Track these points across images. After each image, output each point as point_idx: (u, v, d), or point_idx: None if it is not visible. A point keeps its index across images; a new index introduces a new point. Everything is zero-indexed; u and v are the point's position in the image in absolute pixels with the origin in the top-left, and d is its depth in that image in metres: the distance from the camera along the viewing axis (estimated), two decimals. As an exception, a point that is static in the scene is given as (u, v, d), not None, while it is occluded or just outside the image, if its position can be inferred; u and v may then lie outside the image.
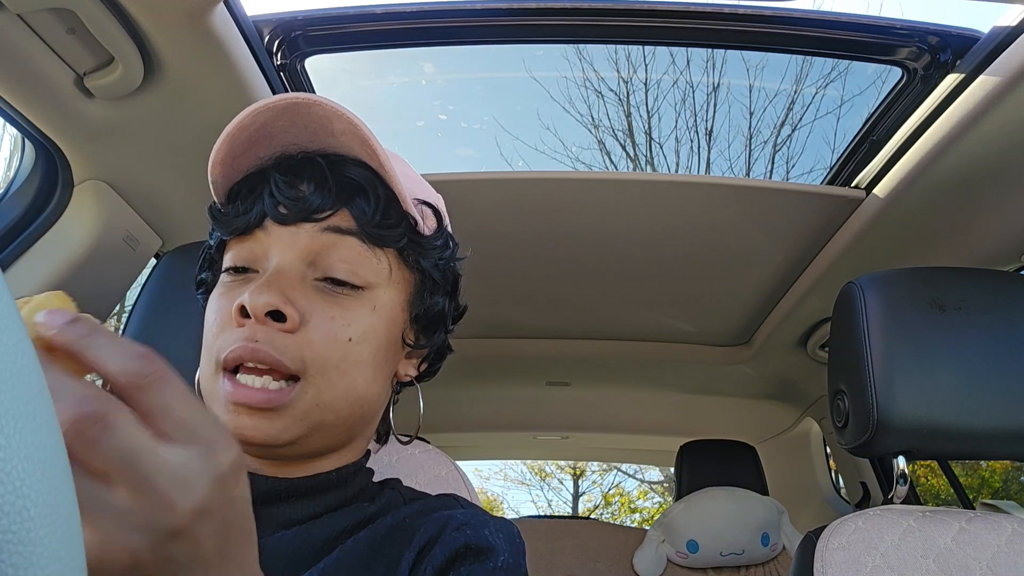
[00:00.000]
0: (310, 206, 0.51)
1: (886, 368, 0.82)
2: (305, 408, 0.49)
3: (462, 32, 1.00)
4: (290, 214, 0.51)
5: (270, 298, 0.47)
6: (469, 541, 0.50)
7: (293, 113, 0.50)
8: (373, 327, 0.52)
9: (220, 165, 0.52)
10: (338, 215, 0.52)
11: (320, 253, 0.51)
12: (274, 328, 0.48)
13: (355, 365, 0.51)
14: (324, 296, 0.51)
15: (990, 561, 0.78)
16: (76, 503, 0.21)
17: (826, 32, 0.97)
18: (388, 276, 0.54)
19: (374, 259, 0.52)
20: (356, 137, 0.51)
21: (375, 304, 0.52)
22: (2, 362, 0.18)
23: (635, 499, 8.67)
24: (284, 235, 0.51)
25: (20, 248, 0.98)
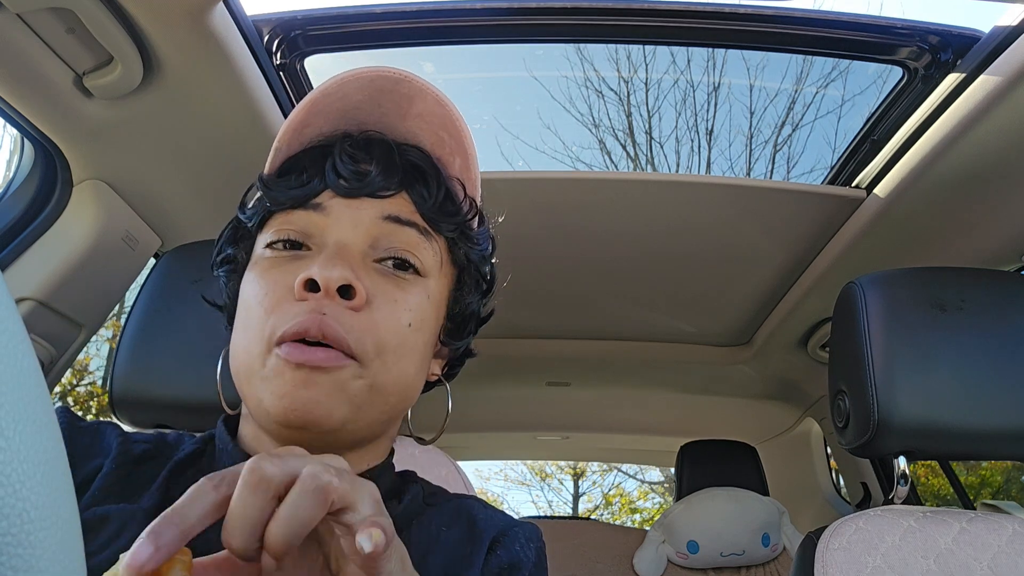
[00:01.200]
0: (373, 183, 0.50)
1: (887, 368, 0.82)
2: (359, 388, 0.47)
3: (462, 32, 1.00)
4: (352, 188, 0.50)
5: (343, 271, 0.45)
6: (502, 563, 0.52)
7: (377, 88, 0.50)
8: (427, 316, 0.52)
9: (292, 131, 0.51)
10: (399, 197, 0.51)
11: (379, 237, 0.50)
12: (341, 304, 0.46)
13: (411, 352, 0.50)
14: (384, 277, 0.50)
15: (991, 561, 0.78)
16: (75, 506, 0.21)
17: (827, 32, 0.97)
18: (439, 267, 0.53)
19: (430, 249, 0.52)
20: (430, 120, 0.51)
21: (429, 293, 0.52)
22: (2, 365, 0.18)
23: (635, 499, 8.67)
24: (345, 213, 0.50)
25: (19, 248, 0.97)
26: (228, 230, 0.57)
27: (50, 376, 1.07)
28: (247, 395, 0.48)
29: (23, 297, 0.96)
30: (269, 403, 0.45)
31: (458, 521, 0.54)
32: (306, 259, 0.49)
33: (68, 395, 5.88)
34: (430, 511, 0.55)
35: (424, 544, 0.52)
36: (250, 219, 0.53)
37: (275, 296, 0.47)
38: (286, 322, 0.45)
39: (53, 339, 1.03)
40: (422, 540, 0.52)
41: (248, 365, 0.47)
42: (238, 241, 0.56)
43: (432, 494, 0.58)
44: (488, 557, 0.52)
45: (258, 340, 0.47)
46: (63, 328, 1.03)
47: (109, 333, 4.92)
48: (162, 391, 0.81)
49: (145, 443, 0.54)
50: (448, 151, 0.53)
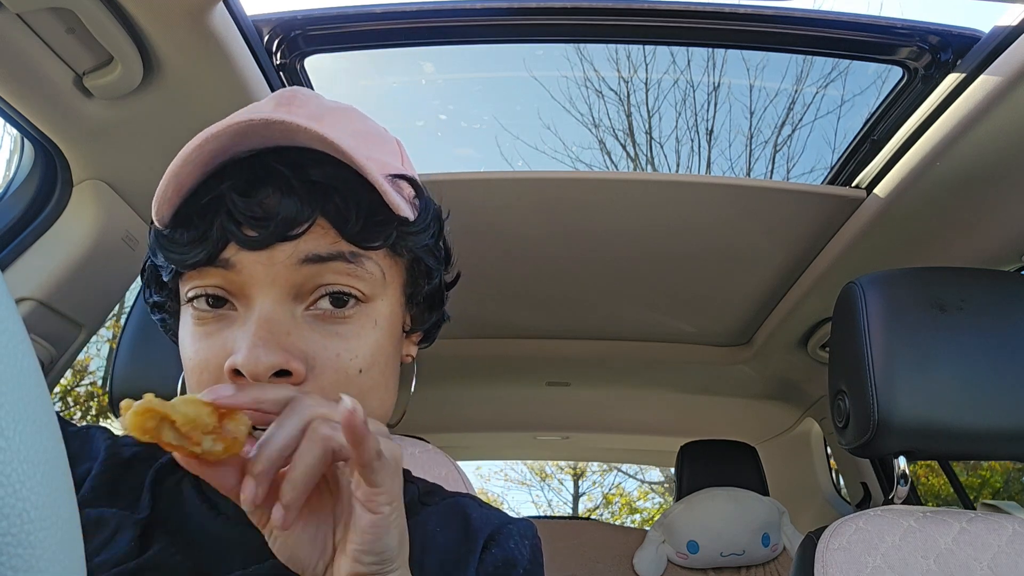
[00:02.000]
0: (282, 223, 0.43)
1: (887, 368, 0.82)
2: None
3: (462, 32, 1.00)
4: (258, 239, 0.43)
5: (272, 358, 0.42)
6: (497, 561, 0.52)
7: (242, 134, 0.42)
8: (379, 345, 0.47)
9: (168, 203, 0.44)
10: (315, 227, 0.44)
11: (303, 284, 0.45)
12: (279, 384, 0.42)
13: (370, 392, 0.47)
14: (320, 328, 0.45)
15: (991, 562, 0.78)
16: (75, 505, 0.21)
17: (827, 32, 0.97)
18: (382, 279, 0.48)
19: (364, 272, 0.46)
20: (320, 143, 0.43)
21: (376, 319, 0.47)
22: (2, 364, 0.18)
23: (635, 499, 8.67)
24: (259, 271, 0.44)
25: (20, 248, 0.97)
26: (147, 273, 0.52)
27: (50, 376, 1.07)
28: None
29: (23, 297, 0.96)
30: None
31: (453, 520, 0.54)
32: (232, 322, 0.45)
33: (68, 395, 5.87)
34: (426, 510, 0.55)
35: (420, 544, 0.51)
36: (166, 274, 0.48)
37: (210, 379, 0.45)
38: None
39: (53, 339, 1.03)
40: (418, 540, 0.52)
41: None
42: (161, 287, 0.51)
43: (427, 493, 0.58)
44: (483, 555, 0.52)
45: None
46: (63, 328, 1.03)
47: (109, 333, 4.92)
48: (162, 391, 0.81)
49: (134, 446, 0.54)
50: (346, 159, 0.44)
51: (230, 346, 0.44)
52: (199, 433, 0.35)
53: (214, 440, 0.36)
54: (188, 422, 0.34)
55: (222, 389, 0.37)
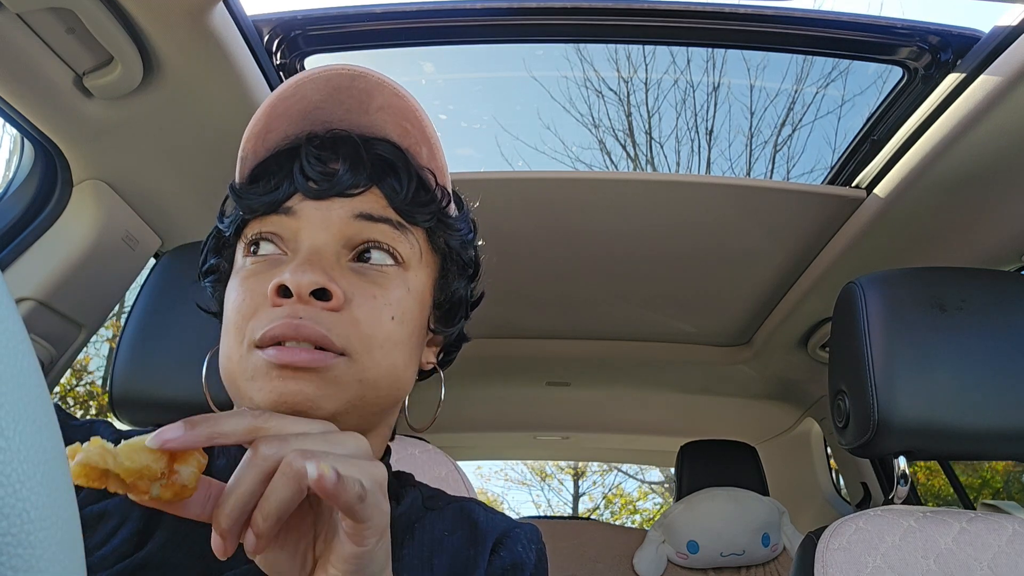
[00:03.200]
0: (342, 182, 0.49)
1: (887, 368, 0.82)
2: (348, 382, 0.47)
3: (462, 32, 1.00)
4: (321, 189, 0.49)
5: (315, 276, 0.45)
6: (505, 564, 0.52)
7: (334, 87, 0.49)
8: (410, 307, 0.51)
9: (254, 138, 0.50)
10: (370, 193, 0.50)
11: (353, 237, 0.50)
12: (318, 307, 0.46)
13: (397, 344, 0.50)
14: (361, 276, 0.49)
15: (991, 562, 0.78)
16: (76, 505, 0.21)
17: (827, 32, 0.97)
18: (419, 258, 0.53)
19: (406, 241, 0.51)
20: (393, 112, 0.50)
21: (409, 285, 0.51)
22: (2, 364, 0.18)
23: (635, 499, 8.67)
24: (316, 215, 0.49)
25: (20, 248, 0.97)
26: (210, 240, 0.57)
27: (50, 376, 1.07)
28: (237, 397, 0.49)
29: (23, 297, 0.96)
30: (257, 399, 0.46)
31: (461, 524, 0.55)
32: (282, 264, 0.48)
33: (68, 395, 5.88)
34: (431, 515, 0.55)
35: (428, 548, 0.52)
36: (228, 228, 0.54)
37: (252, 304, 0.48)
38: (263, 327, 0.45)
39: (53, 339, 1.03)
40: (426, 544, 0.52)
41: (233, 370, 0.48)
42: (220, 250, 0.56)
43: (431, 497, 0.58)
44: (491, 559, 0.52)
45: (238, 345, 0.47)
46: (63, 328, 1.03)
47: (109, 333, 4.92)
48: (162, 391, 0.81)
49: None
50: (414, 141, 0.52)
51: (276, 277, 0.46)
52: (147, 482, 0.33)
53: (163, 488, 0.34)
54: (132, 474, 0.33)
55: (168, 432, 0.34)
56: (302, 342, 0.45)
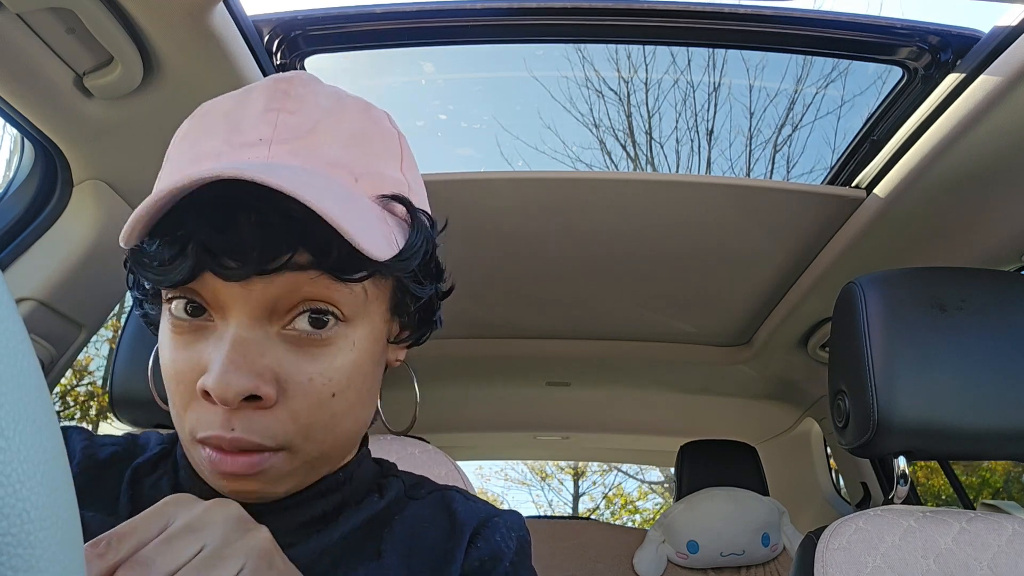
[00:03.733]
0: (258, 258, 0.42)
1: (887, 368, 0.82)
2: (295, 467, 0.46)
3: (462, 32, 1.00)
4: (237, 270, 0.42)
5: (241, 382, 0.41)
6: (482, 556, 0.51)
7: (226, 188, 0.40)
8: (356, 365, 0.46)
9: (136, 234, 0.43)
10: (295, 258, 0.42)
11: (280, 299, 0.43)
12: (249, 409, 0.43)
13: (343, 416, 0.47)
14: (295, 349, 0.44)
15: (991, 561, 0.78)
16: (76, 505, 0.21)
17: (826, 32, 0.97)
18: (363, 302, 0.46)
19: (345, 289, 0.45)
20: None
21: (354, 340, 0.46)
22: (2, 364, 0.18)
23: (635, 499, 8.67)
24: (235, 288, 0.43)
25: (20, 248, 0.97)
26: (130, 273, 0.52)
27: (50, 376, 1.07)
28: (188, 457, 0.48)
29: (23, 297, 0.96)
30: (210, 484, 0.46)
31: (439, 515, 0.54)
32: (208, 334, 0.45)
33: (68, 395, 5.88)
34: (412, 505, 0.54)
35: (407, 540, 0.51)
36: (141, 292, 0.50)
37: (185, 392, 0.45)
38: (200, 429, 0.43)
39: (53, 339, 1.03)
40: (404, 536, 0.51)
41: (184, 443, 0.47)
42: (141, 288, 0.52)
43: (414, 486, 0.57)
44: (468, 550, 0.51)
45: (182, 431, 0.46)
46: (63, 328, 1.04)
47: (109, 333, 4.92)
48: (162, 391, 0.81)
49: (113, 446, 0.54)
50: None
51: (205, 361, 0.43)
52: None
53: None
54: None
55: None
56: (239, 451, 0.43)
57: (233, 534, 0.36)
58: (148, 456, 0.53)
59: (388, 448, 0.90)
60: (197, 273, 0.43)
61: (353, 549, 0.50)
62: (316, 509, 0.50)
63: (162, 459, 0.54)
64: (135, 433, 0.58)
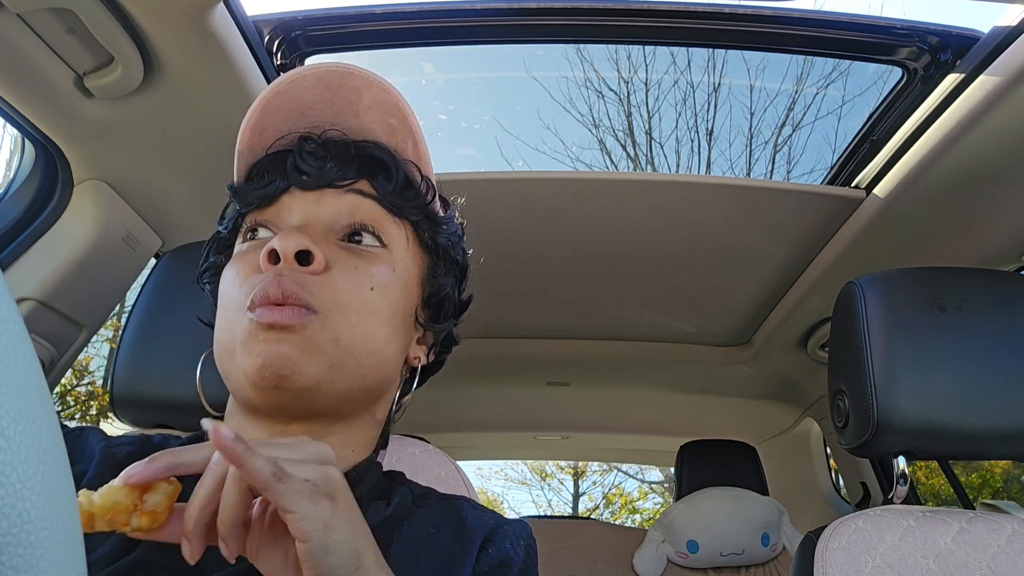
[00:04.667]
0: (331, 174, 0.53)
1: (886, 368, 0.82)
2: (325, 341, 0.49)
3: (462, 32, 1.00)
4: (313, 180, 0.53)
5: (299, 239, 0.48)
6: (492, 562, 0.52)
7: (325, 85, 0.52)
8: (393, 284, 0.53)
9: (250, 132, 0.53)
10: (359, 184, 0.54)
11: (343, 214, 0.53)
12: (300, 269, 0.49)
13: (375, 313, 0.52)
14: (347, 250, 0.52)
15: (990, 561, 0.78)
16: (76, 505, 0.21)
17: (827, 32, 0.97)
18: (406, 246, 0.55)
19: (394, 226, 0.54)
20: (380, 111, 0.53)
21: (395, 265, 0.54)
22: (2, 364, 0.18)
23: (635, 499, 8.67)
24: (308, 199, 0.53)
25: (20, 248, 0.97)
26: (212, 242, 0.60)
27: (51, 376, 1.07)
28: (228, 374, 0.51)
29: (24, 297, 0.96)
30: (246, 366, 0.48)
31: (448, 522, 0.54)
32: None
33: (68, 395, 5.88)
34: (420, 512, 0.55)
35: (415, 546, 0.52)
36: (227, 227, 0.57)
37: (245, 273, 0.51)
38: (252, 288, 0.49)
39: (54, 339, 1.03)
40: (412, 541, 0.52)
41: (229, 341, 0.50)
42: (221, 250, 0.60)
43: (421, 495, 0.58)
44: (479, 556, 0.52)
45: (237, 313, 0.50)
46: (64, 328, 1.04)
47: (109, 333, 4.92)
48: (163, 391, 0.81)
49: (129, 446, 0.55)
50: (400, 137, 0.55)
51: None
52: (124, 515, 0.37)
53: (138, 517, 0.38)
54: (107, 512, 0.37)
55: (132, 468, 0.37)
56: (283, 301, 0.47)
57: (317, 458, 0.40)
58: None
59: (388, 448, 0.90)
60: (284, 188, 0.53)
61: None
62: None
63: None
64: (148, 434, 0.59)
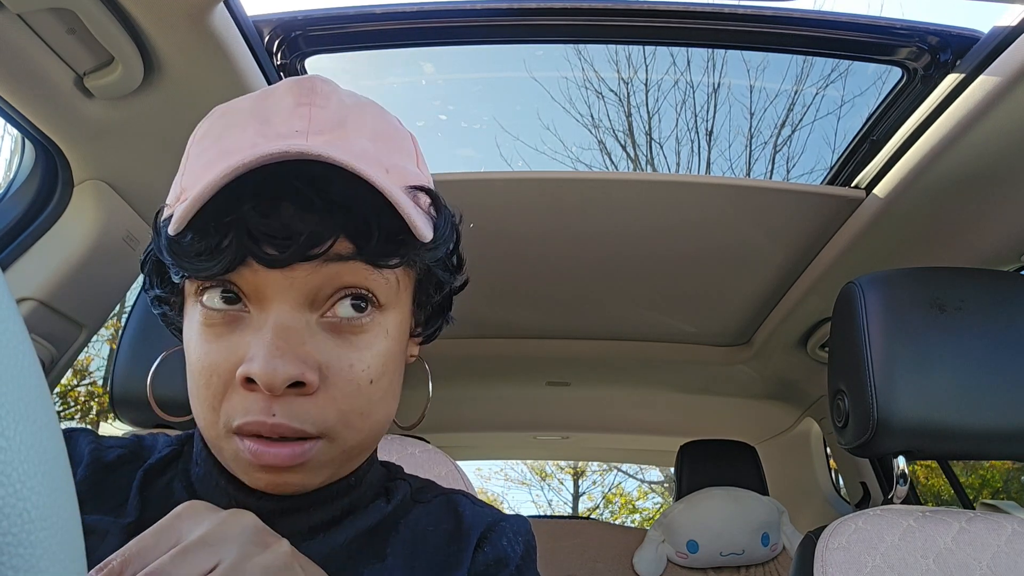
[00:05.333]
0: (304, 243, 0.42)
1: (886, 368, 0.82)
2: (333, 457, 0.46)
3: (462, 32, 1.00)
4: (281, 256, 0.42)
5: (289, 369, 0.41)
6: (488, 560, 0.51)
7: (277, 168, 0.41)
8: (390, 353, 0.47)
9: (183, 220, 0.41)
10: (337, 245, 0.43)
11: (322, 288, 0.44)
12: (291, 395, 0.42)
13: (379, 403, 0.47)
14: (334, 337, 0.45)
15: (990, 561, 0.78)
16: (76, 505, 0.21)
17: (826, 32, 0.97)
18: (396, 290, 0.47)
19: (381, 279, 0.46)
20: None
21: (387, 328, 0.47)
22: (2, 364, 0.18)
23: (635, 499, 8.67)
24: (276, 276, 0.43)
25: (20, 248, 0.98)
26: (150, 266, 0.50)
27: (51, 376, 1.07)
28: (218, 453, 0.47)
29: (24, 297, 0.96)
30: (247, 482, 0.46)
31: (446, 518, 0.54)
32: (244, 325, 0.44)
33: (69, 395, 5.88)
34: (418, 508, 0.55)
35: (411, 543, 0.51)
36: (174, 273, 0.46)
37: (219, 384, 0.44)
38: (238, 417, 0.43)
39: (54, 339, 1.03)
40: (409, 539, 0.52)
41: (213, 440, 0.46)
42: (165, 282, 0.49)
43: (420, 490, 0.57)
44: (475, 554, 0.51)
45: (213, 424, 0.45)
46: (64, 328, 1.04)
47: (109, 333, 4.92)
48: (163, 391, 0.81)
49: (119, 448, 0.53)
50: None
51: (242, 351, 0.43)
52: None
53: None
54: None
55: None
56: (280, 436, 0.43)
57: (252, 549, 0.35)
58: (158, 458, 0.53)
59: (388, 448, 0.90)
60: (240, 260, 0.42)
61: (358, 552, 0.50)
62: (327, 512, 0.50)
63: (172, 461, 0.54)
64: (140, 435, 0.58)
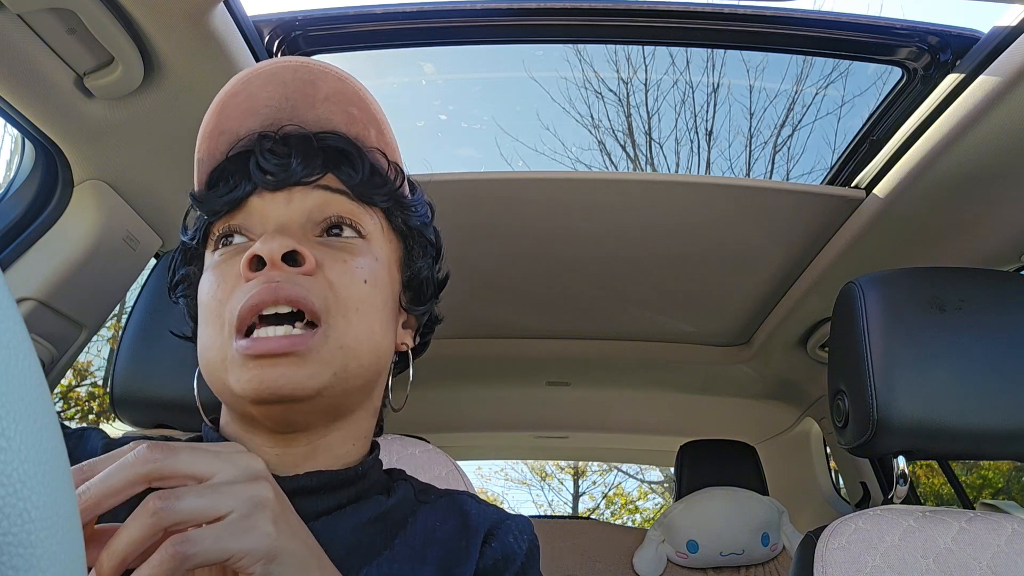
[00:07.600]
0: (297, 172, 0.51)
1: (886, 368, 0.82)
2: (330, 351, 0.47)
3: (462, 32, 1.00)
4: (279, 180, 0.51)
5: (284, 240, 0.46)
6: (496, 555, 0.52)
7: (279, 81, 0.50)
8: (379, 274, 0.53)
9: (207, 138, 0.51)
10: (326, 179, 0.52)
11: (315, 210, 0.51)
12: (292, 271, 0.47)
13: (372, 308, 0.51)
14: (329, 247, 0.51)
15: (990, 561, 0.78)
16: (76, 505, 0.21)
17: (826, 32, 0.97)
18: (382, 233, 0.55)
19: (368, 216, 0.53)
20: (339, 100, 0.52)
21: (376, 255, 0.53)
22: (3, 363, 0.18)
23: (635, 499, 8.67)
24: (277, 199, 0.51)
25: (20, 248, 0.98)
26: (178, 254, 0.58)
27: (51, 376, 1.07)
28: (219, 389, 0.50)
29: (24, 297, 0.96)
30: (240, 390, 0.46)
31: (452, 516, 0.55)
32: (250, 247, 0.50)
33: (69, 395, 5.87)
34: (424, 507, 0.56)
35: (421, 539, 0.52)
36: (193, 237, 0.55)
37: (226, 286, 0.49)
38: (240, 301, 0.46)
39: (54, 339, 1.03)
40: (418, 535, 0.53)
41: (212, 361, 0.49)
42: (189, 262, 0.57)
43: (422, 490, 0.58)
44: (483, 550, 0.53)
45: (218, 332, 0.48)
46: (64, 328, 1.04)
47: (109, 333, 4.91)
48: (163, 391, 0.81)
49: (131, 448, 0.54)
50: (362, 125, 0.53)
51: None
52: None
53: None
54: None
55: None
56: (281, 305, 0.46)
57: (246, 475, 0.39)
58: None
59: (388, 448, 0.90)
60: (250, 191, 0.51)
61: (365, 542, 0.51)
62: (333, 500, 0.51)
63: None
64: (149, 434, 0.59)
